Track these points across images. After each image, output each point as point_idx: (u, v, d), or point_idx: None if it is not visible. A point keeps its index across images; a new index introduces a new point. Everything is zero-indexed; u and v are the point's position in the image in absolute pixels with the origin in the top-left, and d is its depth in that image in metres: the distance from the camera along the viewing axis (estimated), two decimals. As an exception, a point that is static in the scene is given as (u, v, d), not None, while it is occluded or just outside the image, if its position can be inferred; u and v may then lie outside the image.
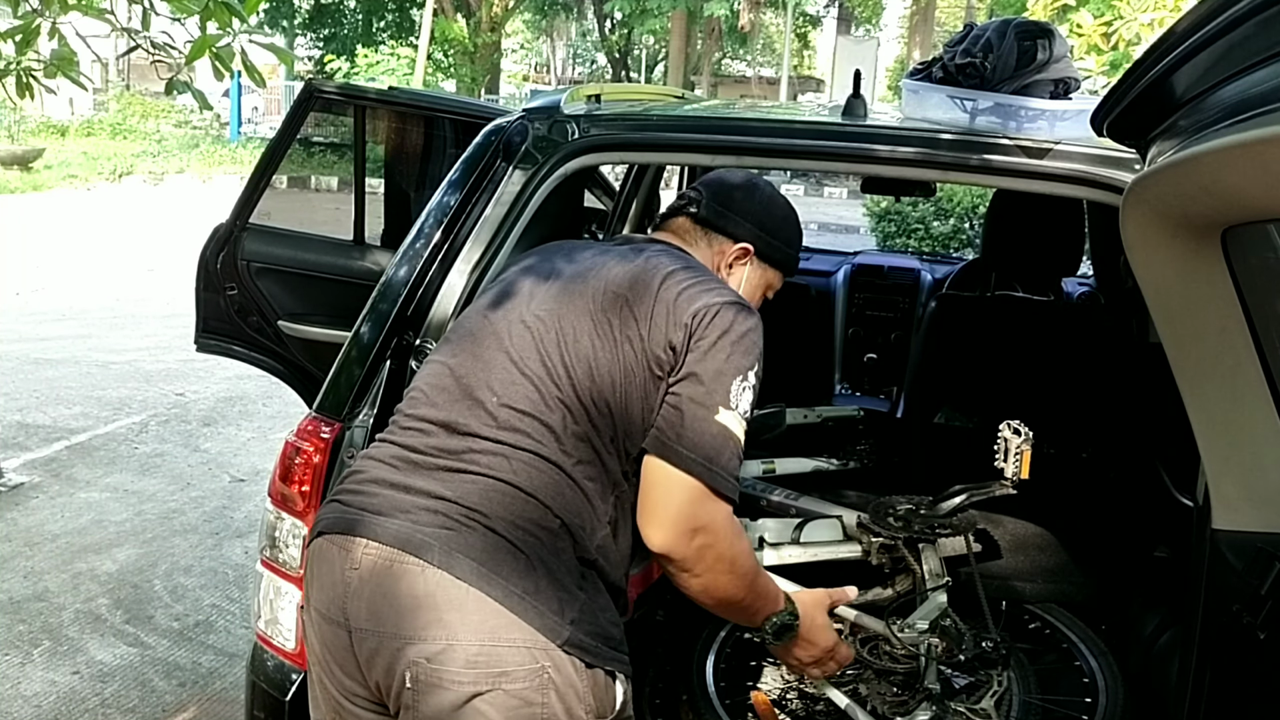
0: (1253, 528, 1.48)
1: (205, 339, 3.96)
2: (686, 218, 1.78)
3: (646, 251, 1.65)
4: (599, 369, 1.51)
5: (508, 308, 1.62)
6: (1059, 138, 1.79)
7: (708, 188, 1.79)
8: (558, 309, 1.57)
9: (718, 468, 1.47)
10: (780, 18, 29.59)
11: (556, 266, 1.65)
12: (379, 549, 1.44)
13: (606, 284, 1.57)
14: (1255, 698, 1.53)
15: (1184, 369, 1.45)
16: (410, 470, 1.50)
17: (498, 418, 1.50)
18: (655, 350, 1.51)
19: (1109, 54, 4.82)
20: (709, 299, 1.53)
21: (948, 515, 2.10)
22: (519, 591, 1.40)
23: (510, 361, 1.54)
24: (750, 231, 1.77)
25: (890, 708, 2.01)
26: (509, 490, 1.45)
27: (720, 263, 1.76)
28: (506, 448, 1.48)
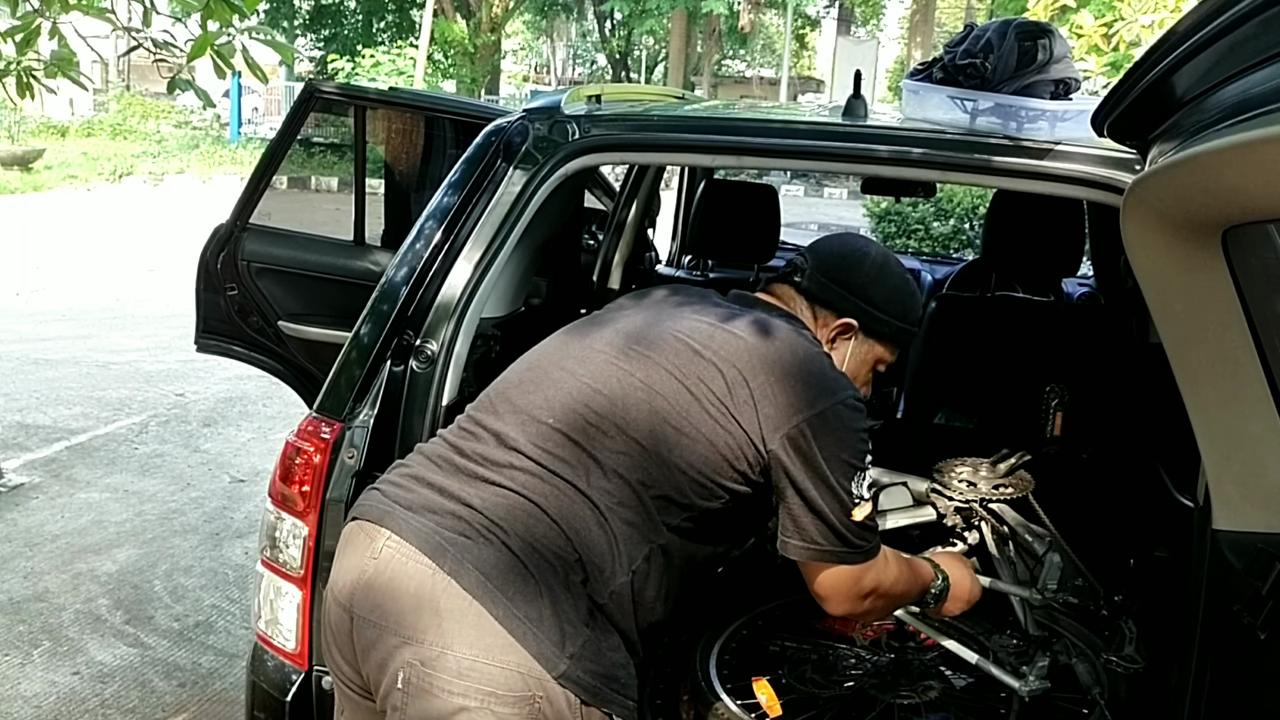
0: (1253, 528, 1.48)
1: (205, 339, 3.96)
2: (791, 286, 1.74)
3: (761, 323, 1.59)
4: (674, 426, 1.49)
5: (602, 337, 1.60)
6: (1059, 138, 1.79)
7: (814, 255, 1.75)
8: (653, 356, 1.54)
9: (867, 545, 1.57)
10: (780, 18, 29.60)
11: (667, 312, 1.64)
12: (399, 544, 1.45)
13: (713, 351, 1.54)
14: (1255, 698, 1.53)
15: (1184, 369, 1.45)
16: (450, 472, 1.51)
17: (549, 440, 1.49)
18: (753, 441, 1.50)
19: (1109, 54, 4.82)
20: (815, 405, 1.51)
21: (1006, 476, 2.15)
22: (521, 615, 1.39)
23: (581, 390, 1.53)
24: (855, 306, 1.71)
25: (1014, 659, 2.11)
26: (535, 512, 1.45)
27: (823, 336, 1.71)
28: (546, 471, 1.47)
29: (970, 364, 2.81)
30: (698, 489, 1.51)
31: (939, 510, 2.20)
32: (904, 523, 2.22)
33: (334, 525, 1.79)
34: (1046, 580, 2.07)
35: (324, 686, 1.83)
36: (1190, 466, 1.61)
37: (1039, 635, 2.11)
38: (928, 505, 2.22)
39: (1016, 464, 2.16)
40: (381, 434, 1.87)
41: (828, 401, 1.52)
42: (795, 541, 1.55)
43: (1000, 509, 2.17)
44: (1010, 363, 2.73)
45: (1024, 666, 2.05)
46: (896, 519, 2.23)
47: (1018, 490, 2.14)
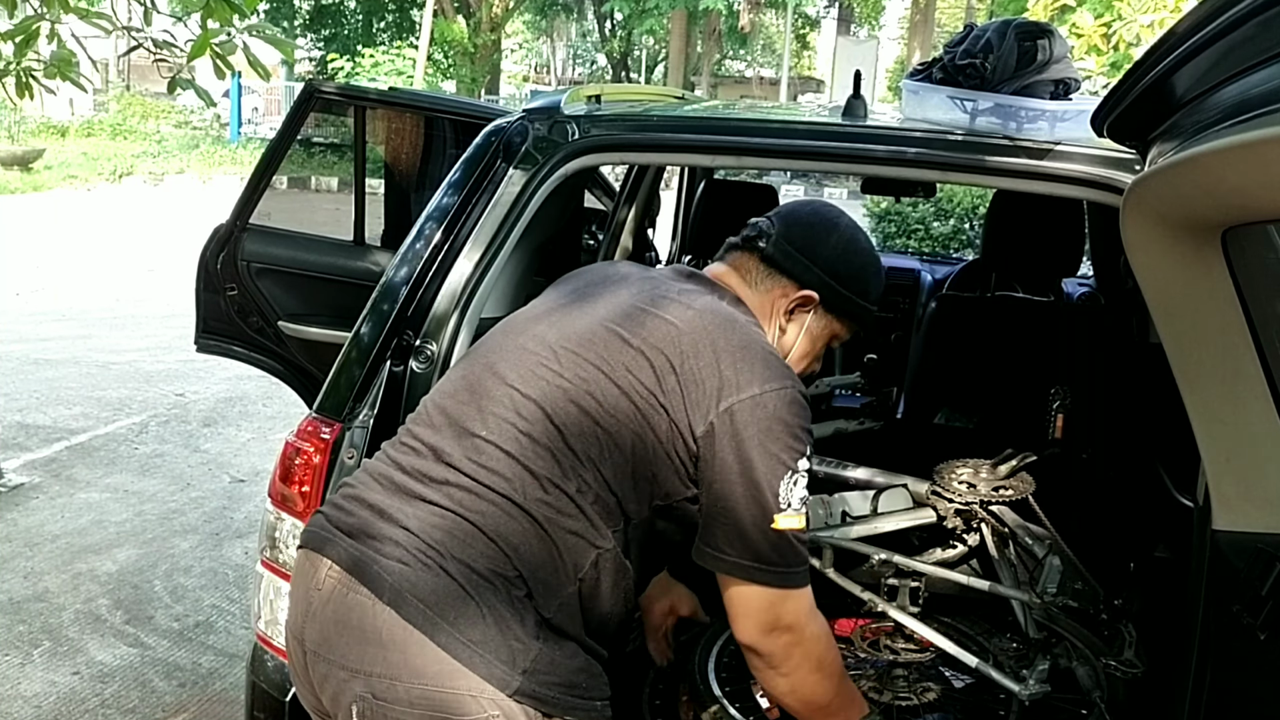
0: (1253, 528, 1.48)
1: (205, 339, 3.96)
2: (753, 253, 1.65)
3: (692, 303, 1.52)
4: (605, 427, 1.43)
5: (534, 334, 1.54)
6: (1059, 138, 1.79)
7: (781, 221, 1.66)
8: (579, 350, 1.48)
9: (788, 568, 1.44)
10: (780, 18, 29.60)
11: (602, 296, 1.57)
12: (339, 574, 1.41)
13: (641, 338, 1.47)
14: (1255, 698, 1.53)
15: (1184, 369, 1.45)
16: (392, 491, 1.47)
17: (482, 454, 1.44)
18: (681, 432, 1.43)
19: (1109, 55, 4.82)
20: (745, 389, 1.43)
21: (1006, 478, 2.14)
22: (465, 640, 1.35)
23: (511, 398, 1.47)
24: (818, 278, 1.63)
25: (1014, 662, 2.10)
26: (472, 532, 1.40)
27: (780, 306, 1.63)
28: (481, 487, 1.42)
29: (970, 364, 2.80)
30: (635, 492, 1.46)
31: (939, 512, 2.21)
32: (904, 525, 2.23)
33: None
34: (1046, 583, 2.07)
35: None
36: (1190, 466, 1.61)
37: (1039, 638, 2.11)
38: (928, 507, 2.22)
39: (1018, 465, 2.16)
40: (381, 434, 1.87)
41: (761, 387, 1.43)
42: (705, 548, 1.46)
43: (1000, 511, 2.17)
44: (1010, 363, 2.73)
45: (1024, 670, 2.05)
46: (896, 521, 2.23)
47: (1018, 492, 2.14)
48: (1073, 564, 2.10)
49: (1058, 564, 2.09)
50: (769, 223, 1.66)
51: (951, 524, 2.20)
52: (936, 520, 2.21)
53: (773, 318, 1.63)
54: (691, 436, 1.43)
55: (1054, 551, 2.11)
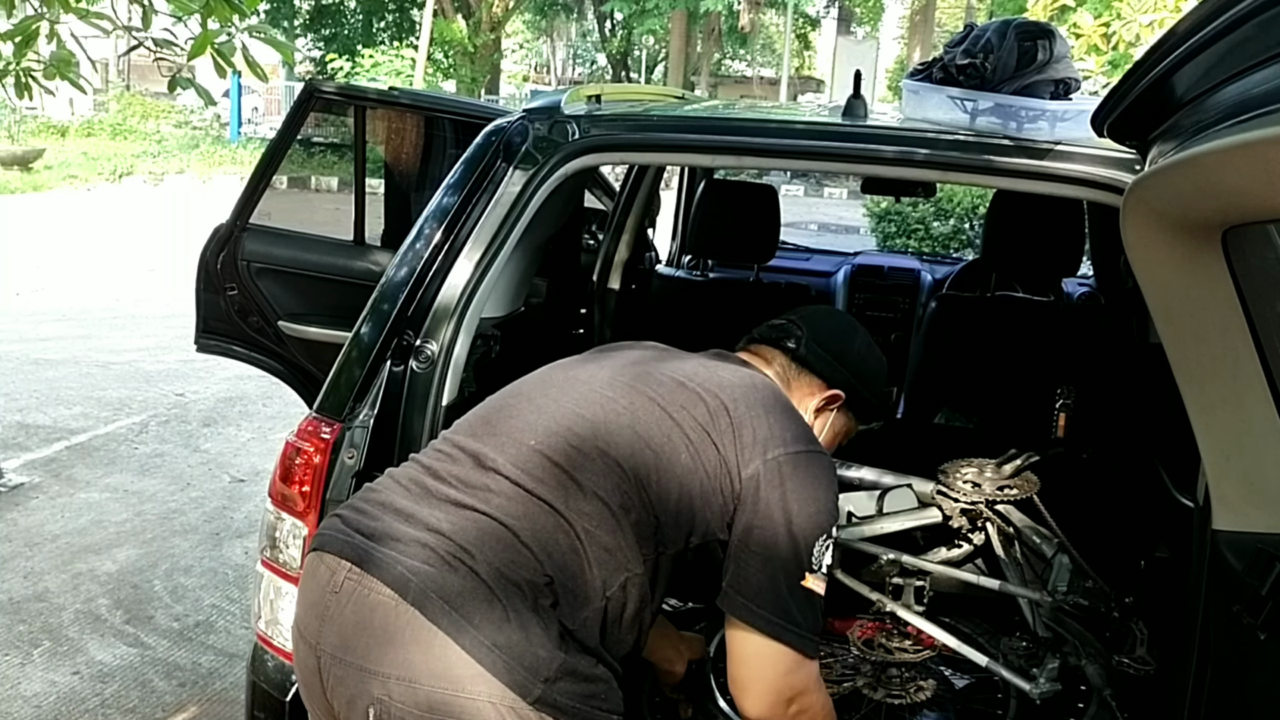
0: (1253, 528, 1.48)
1: (205, 339, 3.96)
2: (783, 352, 1.72)
3: (740, 369, 1.62)
4: (655, 449, 1.47)
5: (586, 370, 1.60)
6: (1059, 138, 1.79)
7: (808, 325, 1.74)
8: (639, 386, 1.54)
9: (810, 632, 1.45)
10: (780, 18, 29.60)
11: (649, 357, 1.64)
12: (359, 575, 1.40)
13: (696, 383, 1.54)
14: (1255, 698, 1.53)
15: (1184, 369, 1.45)
16: (420, 496, 1.47)
17: (529, 461, 1.46)
18: (729, 469, 1.47)
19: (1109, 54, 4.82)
20: (793, 445, 1.49)
21: (1011, 477, 2.14)
22: (489, 643, 1.34)
23: (565, 413, 1.50)
24: (845, 379, 1.73)
25: (1024, 661, 2.11)
26: (505, 535, 1.40)
27: (809, 404, 1.71)
28: (522, 492, 1.43)
29: (970, 364, 2.81)
30: (676, 520, 1.47)
31: (945, 512, 2.21)
32: (909, 525, 2.23)
33: (334, 525, 1.79)
34: (1056, 582, 2.07)
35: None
36: (1190, 466, 1.61)
37: (1048, 637, 2.11)
38: (933, 507, 2.22)
39: (1022, 465, 2.16)
40: (381, 434, 1.87)
41: (807, 445, 1.51)
42: (736, 595, 1.46)
43: (1006, 510, 2.17)
44: (1010, 363, 2.73)
45: (1034, 669, 2.05)
46: (902, 521, 2.23)
47: (1023, 491, 2.14)
48: (1080, 563, 2.10)
49: (1067, 562, 2.09)
50: (795, 325, 1.73)
51: (957, 523, 2.20)
52: (942, 520, 2.21)
53: (808, 416, 1.69)
54: (739, 475, 1.46)
55: (1062, 550, 2.11)
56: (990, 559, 2.23)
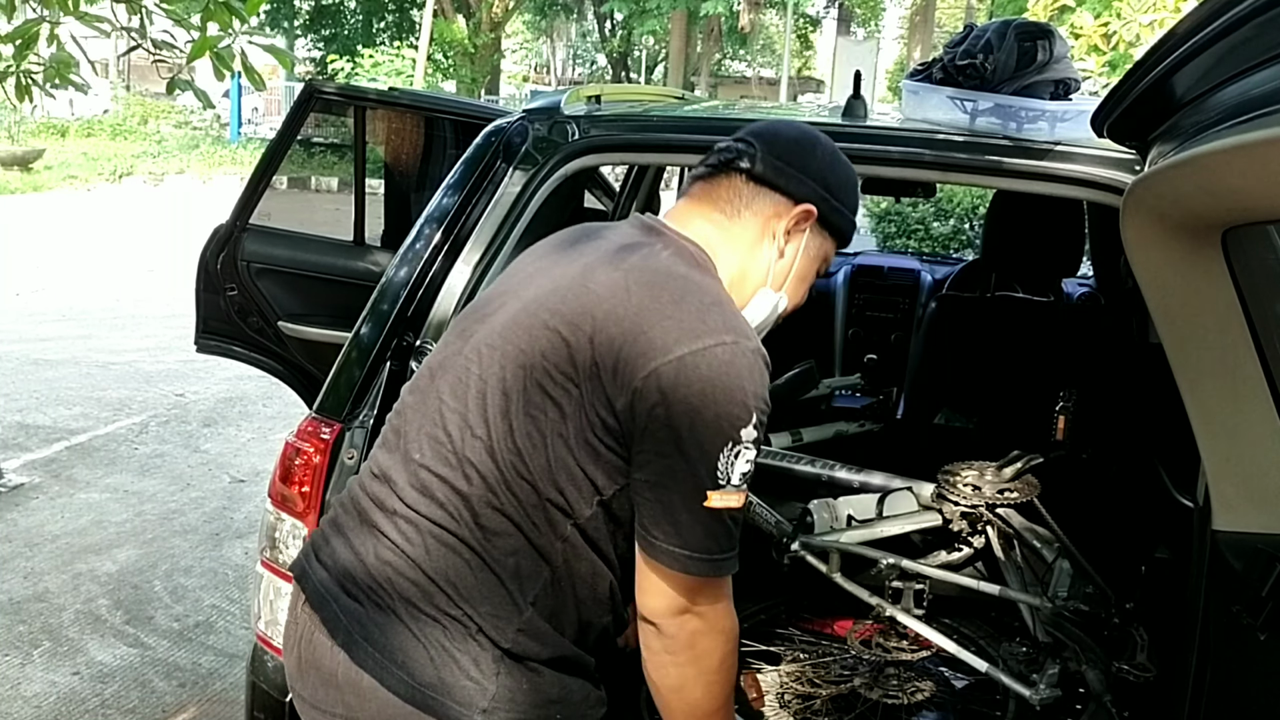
0: (1253, 528, 1.48)
1: (205, 340, 3.96)
2: (736, 175, 1.45)
3: (621, 263, 1.35)
4: (525, 430, 1.30)
5: (464, 329, 1.44)
6: (1059, 138, 1.79)
7: (760, 139, 1.46)
8: (499, 344, 1.35)
9: (719, 554, 1.28)
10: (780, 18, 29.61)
11: (540, 272, 1.43)
12: (309, 614, 1.39)
13: (561, 316, 1.31)
14: (1255, 698, 1.53)
15: (1184, 369, 1.45)
16: (355, 521, 1.41)
17: (417, 480, 1.35)
18: (599, 412, 1.27)
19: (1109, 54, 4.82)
20: (667, 353, 1.24)
21: (1011, 480, 2.14)
22: (418, 684, 1.29)
23: (440, 411, 1.37)
24: (814, 191, 1.44)
25: (1024, 666, 2.10)
26: (412, 572, 1.32)
27: (775, 229, 1.44)
28: (420, 518, 1.33)
29: (970, 364, 2.80)
30: (575, 489, 1.30)
31: (945, 515, 2.20)
32: (910, 528, 2.22)
33: (334, 526, 1.79)
34: (1057, 587, 2.07)
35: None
36: (1190, 466, 1.61)
37: (1048, 642, 2.11)
38: (933, 510, 2.22)
39: (1023, 468, 2.16)
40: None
41: (692, 345, 1.24)
42: (636, 527, 1.30)
43: (1006, 514, 2.17)
44: (1010, 363, 2.73)
45: (1034, 674, 2.05)
46: (902, 524, 2.22)
47: (1023, 495, 2.14)
48: (1082, 567, 2.10)
49: (1067, 567, 2.08)
50: (747, 143, 1.46)
51: (957, 527, 2.20)
52: (942, 524, 2.21)
53: (768, 242, 1.45)
54: (610, 413, 1.26)
55: (1063, 554, 2.11)
56: (990, 563, 2.23)
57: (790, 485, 2.37)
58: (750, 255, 1.45)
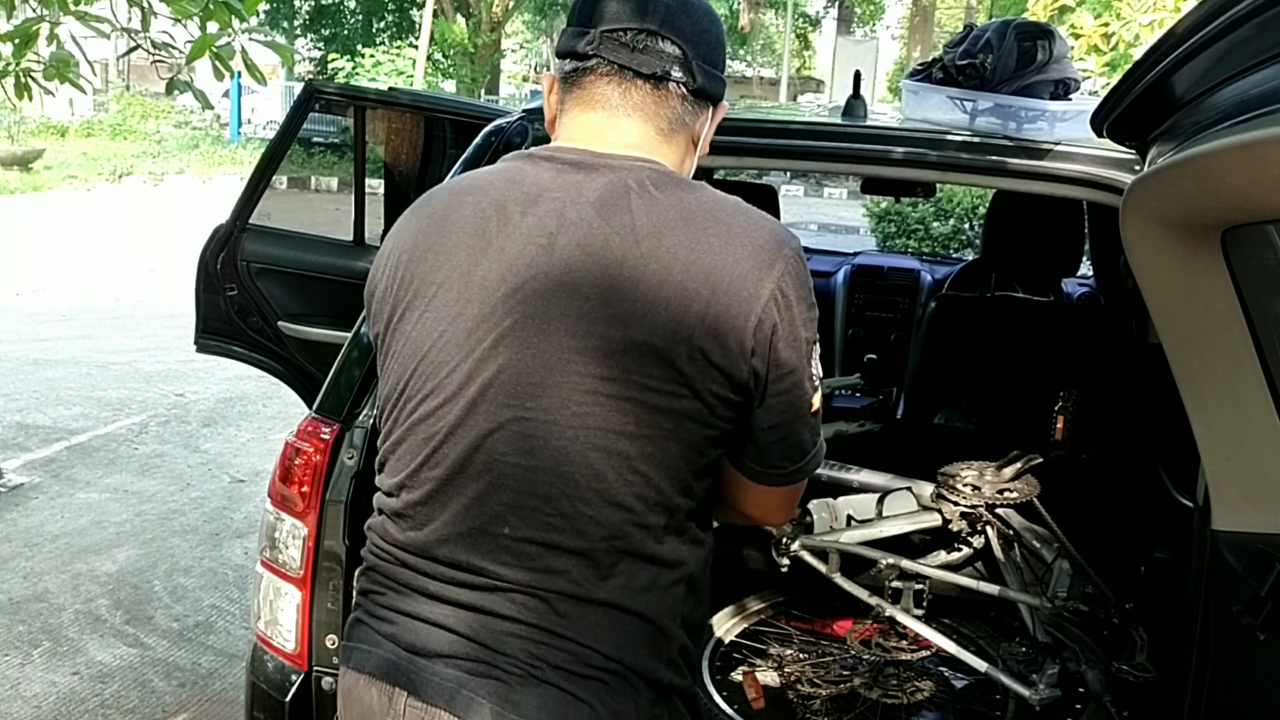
0: (1253, 528, 1.48)
1: (205, 340, 3.97)
2: (672, 86, 1.22)
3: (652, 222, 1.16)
4: (637, 452, 1.15)
5: (484, 353, 1.18)
6: (1059, 138, 1.79)
7: (689, 42, 1.22)
8: (564, 365, 1.15)
9: (816, 450, 1.26)
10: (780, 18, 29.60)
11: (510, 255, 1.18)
12: (421, 707, 1.20)
13: (632, 316, 1.13)
14: (1255, 698, 1.52)
15: (1184, 369, 1.45)
16: (415, 596, 1.24)
17: (515, 554, 1.18)
18: (714, 396, 1.15)
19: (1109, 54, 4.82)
20: (757, 299, 1.14)
21: (1011, 480, 2.14)
22: None
23: (517, 468, 1.16)
24: (723, 82, 1.29)
25: (1024, 667, 2.11)
26: (555, 640, 1.18)
27: (699, 134, 1.28)
28: (539, 591, 1.18)
29: (970, 364, 2.81)
30: (692, 468, 1.19)
31: (944, 515, 2.20)
32: (909, 528, 2.22)
33: (333, 526, 1.79)
34: (1056, 587, 2.07)
35: (324, 687, 1.83)
36: (1190, 466, 1.61)
37: (1047, 642, 2.11)
38: (933, 510, 2.22)
39: (1023, 468, 2.16)
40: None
41: (772, 273, 1.16)
42: (746, 461, 1.23)
43: (1006, 514, 2.17)
44: (1010, 363, 2.73)
45: (1033, 674, 2.05)
46: (901, 524, 2.22)
47: (1023, 495, 2.14)
48: (1081, 567, 2.10)
49: (1067, 567, 2.08)
50: (671, 40, 1.21)
51: (957, 527, 2.20)
52: (942, 524, 2.21)
53: (691, 147, 1.29)
54: (737, 387, 1.18)
55: (1062, 555, 2.11)
56: (990, 563, 2.23)
57: None
58: (682, 165, 1.28)
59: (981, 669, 2.09)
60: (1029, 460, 2.17)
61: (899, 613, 2.15)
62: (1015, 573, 2.18)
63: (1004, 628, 2.34)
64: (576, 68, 1.24)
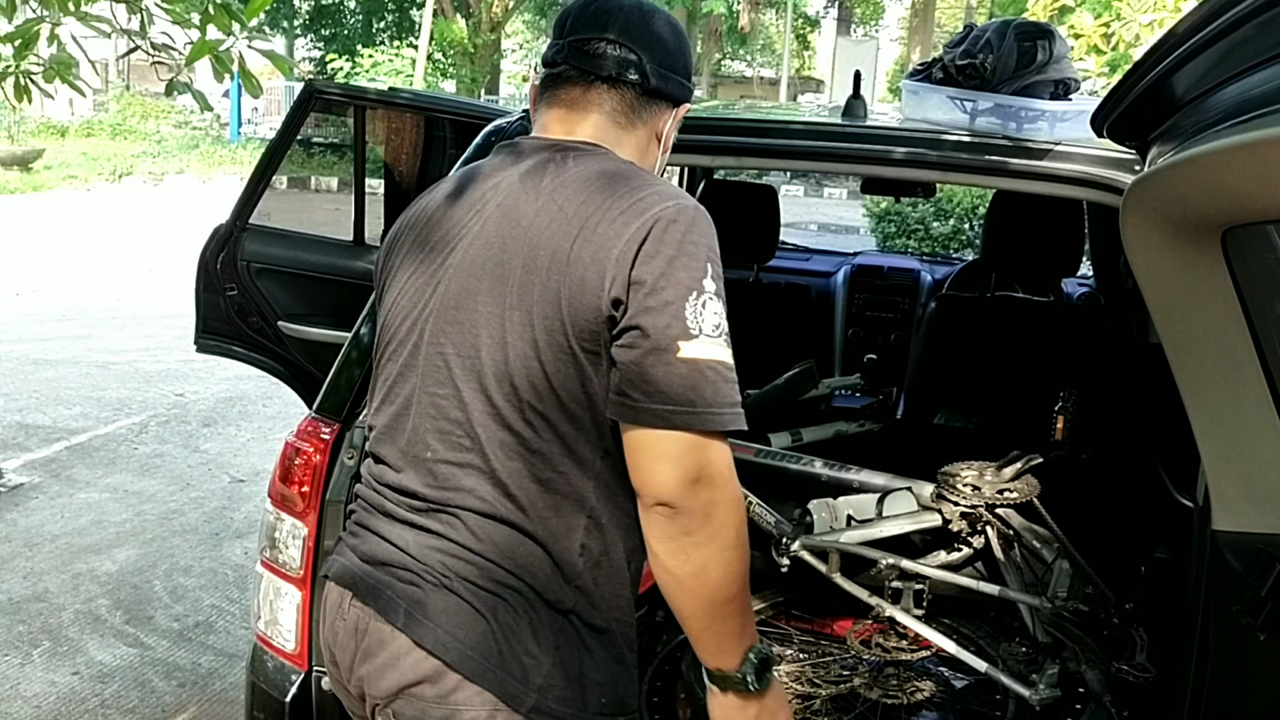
0: (1253, 528, 1.48)
1: (205, 340, 3.97)
2: (627, 88, 1.38)
3: (555, 181, 1.32)
4: (524, 377, 1.28)
5: (424, 302, 1.37)
6: (1059, 138, 1.79)
7: (642, 46, 1.38)
8: (472, 304, 1.32)
9: (702, 407, 1.21)
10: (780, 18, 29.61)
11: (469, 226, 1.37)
12: (360, 607, 1.38)
13: (522, 256, 1.28)
14: (1255, 698, 1.53)
15: (1184, 369, 1.45)
16: (382, 517, 1.42)
17: (436, 476, 1.34)
18: (582, 326, 1.25)
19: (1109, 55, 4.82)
20: (629, 226, 1.24)
21: (1011, 480, 2.14)
22: (482, 658, 1.29)
23: (435, 397, 1.35)
24: (688, 87, 1.44)
25: (1024, 667, 2.11)
26: (466, 554, 1.32)
27: (661, 131, 1.43)
28: (455, 508, 1.33)
29: (970, 364, 2.81)
30: (596, 415, 1.29)
31: (944, 515, 2.21)
32: (909, 528, 2.23)
33: (333, 526, 1.79)
34: (1056, 588, 2.07)
35: (323, 687, 1.83)
36: (1190, 466, 1.61)
37: (1047, 642, 2.11)
38: (933, 510, 2.22)
39: (1023, 468, 2.16)
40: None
41: (644, 218, 1.25)
42: (613, 398, 1.26)
43: (1006, 514, 2.17)
44: (1010, 363, 2.73)
45: (1033, 674, 2.05)
46: (901, 524, 2.23)
47: (1023, 495, 2.14)
48: (1081, 567, 2.10)
49: (1067, 568, 2.08)
50: (624, 46, 1.37)
51: (957, 527, 2.20)
52: (942, 524, 2.21)
53: (654, 144, 1.44)
54: (599, 318, 1.26)
55: (1062, 555, 2.11)
56: (990, 563, 2.23)
57: (790, 485, 2.37)
58: (643, 159, 1.42)
59: (981, 669, 2.09)
60: (1029, 460, 2.17)
61: (899, 613, 2.15)
62: (1015, 573, 2.18)
63: (1004, 628, 2.34)
64: (550, 74, 1.42)
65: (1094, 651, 2.11)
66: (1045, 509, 2.14)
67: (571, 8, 1.42)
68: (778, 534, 2.21)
